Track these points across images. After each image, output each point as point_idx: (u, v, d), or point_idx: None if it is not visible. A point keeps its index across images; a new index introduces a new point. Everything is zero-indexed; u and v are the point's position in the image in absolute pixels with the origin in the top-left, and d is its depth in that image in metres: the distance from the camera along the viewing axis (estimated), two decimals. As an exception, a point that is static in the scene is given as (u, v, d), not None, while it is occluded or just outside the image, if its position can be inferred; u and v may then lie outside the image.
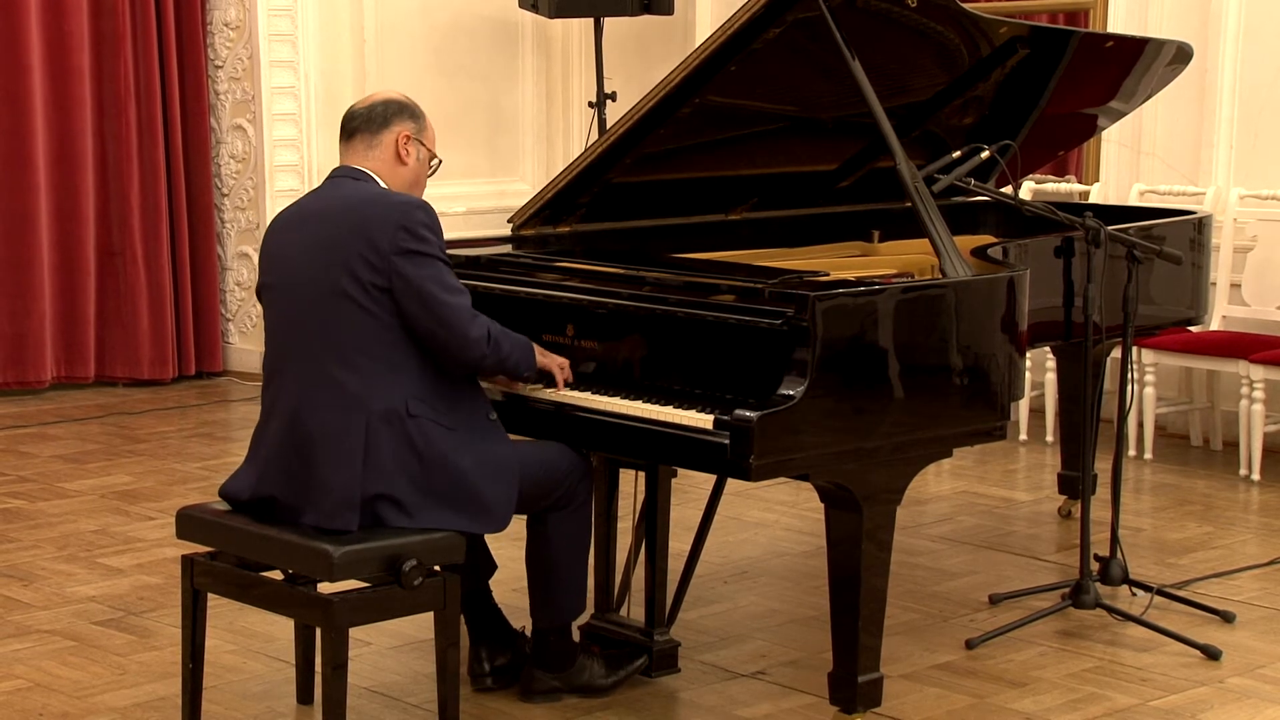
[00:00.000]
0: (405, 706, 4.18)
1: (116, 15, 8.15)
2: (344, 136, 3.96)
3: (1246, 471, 6.51)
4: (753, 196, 5.16)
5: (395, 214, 3.73)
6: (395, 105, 3.95)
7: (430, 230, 3.75)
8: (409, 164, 3.93)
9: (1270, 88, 6.92)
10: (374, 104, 3.95)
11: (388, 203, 3.78)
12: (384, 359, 3.73)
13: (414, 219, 3.74)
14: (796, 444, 3.65)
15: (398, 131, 3.91)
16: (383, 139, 3.91)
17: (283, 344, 3.84)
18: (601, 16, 8.41)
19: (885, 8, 4.42)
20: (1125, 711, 4.17)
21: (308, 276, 3.78)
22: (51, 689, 4.30)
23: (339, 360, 3.72)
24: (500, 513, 3.79)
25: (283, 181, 8.46)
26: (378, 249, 3.71)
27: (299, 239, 3.84)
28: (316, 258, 3.77)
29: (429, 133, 3.99)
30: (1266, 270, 6.86)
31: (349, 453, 3.69)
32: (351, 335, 3.72)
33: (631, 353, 4.02)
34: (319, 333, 3.75)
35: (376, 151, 3.91)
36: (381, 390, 3.71)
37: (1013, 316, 4.06)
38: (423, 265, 3.72)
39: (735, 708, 4.18)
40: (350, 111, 3.98)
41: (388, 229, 3.71)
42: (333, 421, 3.71)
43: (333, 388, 3.72)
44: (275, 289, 3.87)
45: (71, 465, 6.76)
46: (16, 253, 7.99)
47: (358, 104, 3.99)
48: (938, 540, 5.68)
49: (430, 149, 3.99)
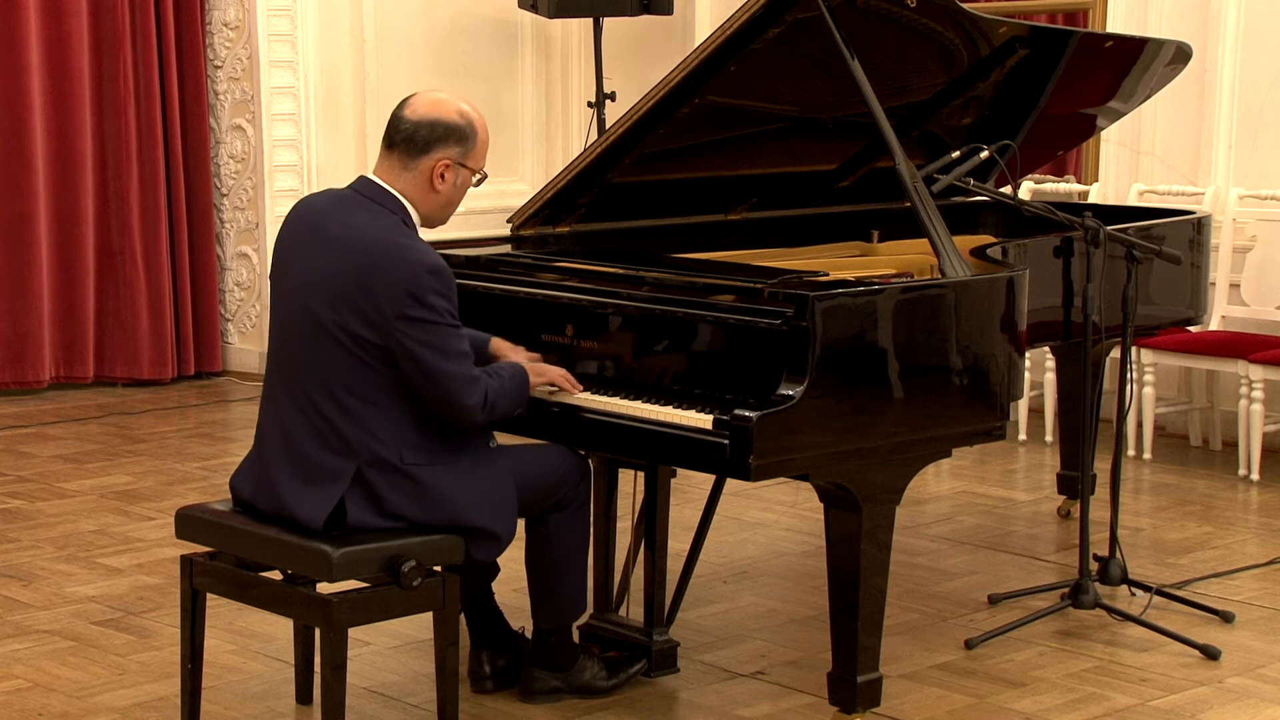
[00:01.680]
0: (405, 706, 4.18)
1: (116, 15, 8.15)
2: (385, 142, 3.78)
3: (1246, 471, 6.51)
4: (752, 196, 5.16)
5: (405, 277, 3.59)
6: (442, 128, 3.74)
7: (440, 296, 3.61)
8: (443, 191, 3.78)
9: (1270, 88, 6.92)
10: (420, 123, 3.74)
11: (401, 260, 3.61)
12: (376, 403, 3.66)
13: (423, 285, 3.59)
14: (796, 444, 3.65)
15: (438, 159, 3.74)
16: (420, 165, 3.74)
17: (281, 350, 3.79)
18: (601, 16, 8.41)
19: (885, 8, 4.42)
20: (1125, 711, 4.18)
21: (306, 304, 3.69)
22: (51, 689, 4.30)
23: (329, 396, 3.67)
24: (496, 542, 3.80)
25: (282, 181, 8.46)
26: (380, 310, 3.59)
27: (308, 257, 3.73)
28: (317, 288, 3.67)
29: (476, 153, 3.80)
30: (1266, 270, 6.86)
31: (329, 492, 3.66)
32: (343, 376, 3.66)
33: (631, 353, 4.02)
34: (310, 363, 3.69)
35: (410, 175, 3.76)
36: (374, 437, 3.66)
37: (1012, 316, 4.06)
38: (424, 332, 3.61)
39: (735, 708, 4.18)
40: (400, 116, 3.77)
41: (394, 292, 3.59)
42: (319, 459, 3.68)
43: (321, 422, 3.68)
44: (278, 293, 3.82)
45: (71, 465, 6.76)
46: (16, 253, 7.98)
47: (408, 110, 3.77)
48: (937, 540, 5.68)
49: (474, 169, 3.81)
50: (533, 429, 4.03)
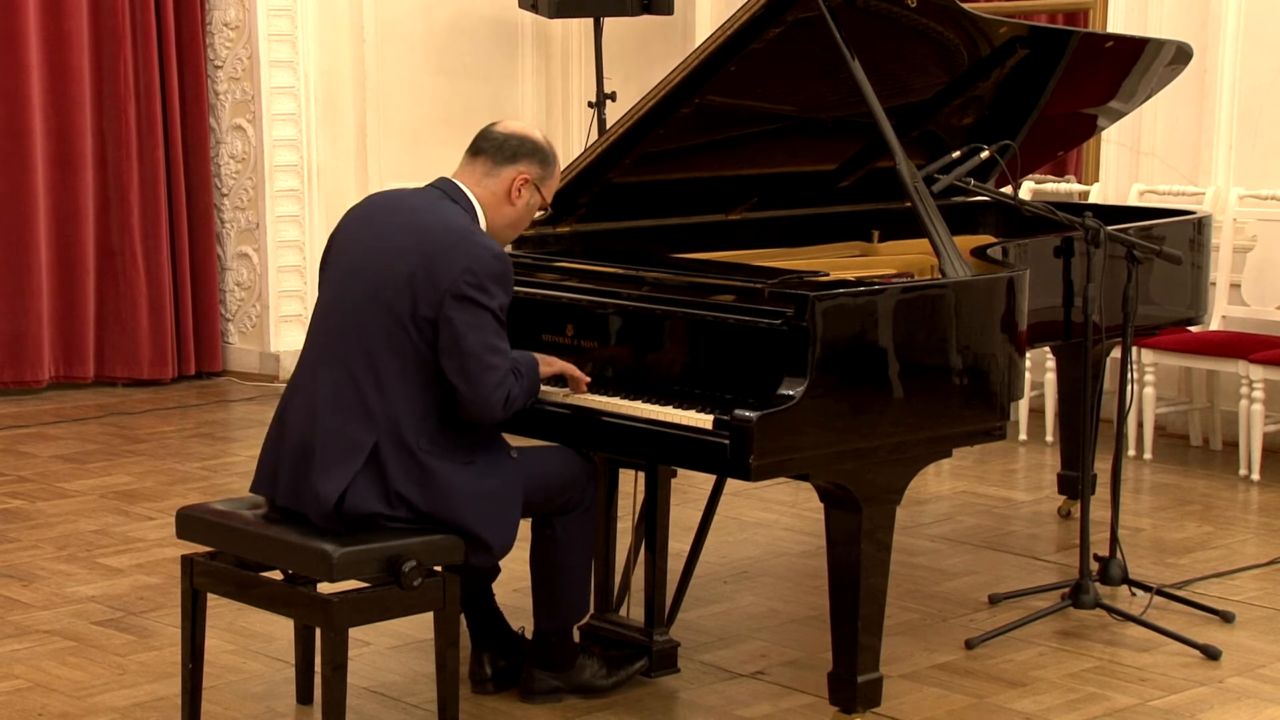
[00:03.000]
0: (405, 706, 4.18)
1: (116, 15, 8.15)
2: (471, 150, 3.89)
3: (1246, 471, 6.51)
4: (753, 196, 5.16)
5: (470, 255, 3.66)
6: (530, 145, 3.88)
7: (497, 284, 3.68)
8: (517, 206, 3.88)
9: (1270, 88, 6.92)
10: (511, 135, 3.88)
11: (469, 241, 3.71)
12: (413, 387, 3.69)
13: (486, 267, 3.66)
14: (796, 444, 3.65)
15: (519, 171, 3.86)
16: (503, 173, 3.85)
17: (325, 320, 3.81)
18: (601, 16, 8.41)
19: (885, 8, 4.42)
20: (1125, 711, 4.18)
21: (365, 280, 3.74)
22: (51, 689, 4.30)
23: (368, 365, 3.70)
24: (494, 551, 3.80)
25: (282, 181, 8.47)
26: (437, 284, 3.65)
27: (373, 236, 3.79)
28: (379, 265, 3.73)
29: (552, 183, 3.94)
30: (1266, 270, 6.86)
31: (347, 466, 3.68)
32: (387, 354, 3.69)
33: (631, 353, 4.02)
34: (358, 338, 3.72)
35: (491, 182, 3.86)
36: (401, 418, 3.68)
37: (1012, 316, 4.06)
38: (473, 314, 3.66)
39: (735, 708, 4.18)
40: (488, 130, 3.91)
41: (455, 268, 3.65)
42: (345, 431, 3.69)
43: (352, 391, 3.70)
44: (332, 278, 3.85)
45: (71, 465, 6.76)
46: (16, 253, 7.99)
47: (500, 125, 3.92)
48: (938, 540, 5.68)
49: (546, 199, 3.93)
50: (534, 429, 4.03)
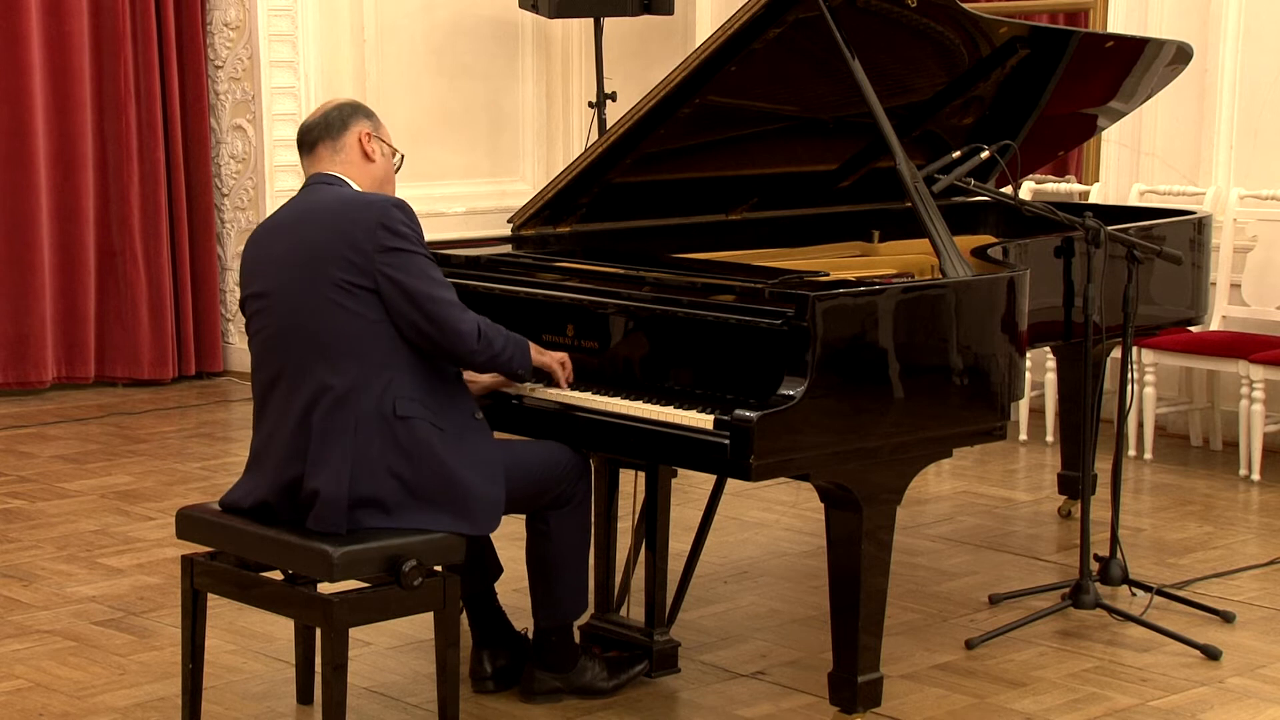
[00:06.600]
0: (405, 706, 4.18)
1: (116, 15, 8.15)
2: (305, 150, 3.94)
3: (1246, 471, 6.51)
4: (753, 196, 5.16)
5: (373, 213, 3.72)
6: (349, 107, 3.95)
7: (409, 227, 3.74)
8: (376, 160, 3.93)
9: (1270, 88, 6.92)
10: (327, 110, 3.94)
11: (365, 203, 3.78)
12: (371, 359, 3.71)
13: (392, 217, 3.73)
14: (796, 444, 3.65)
15: (358, 131, 3.91)
16: (345, 141, 3.90)
17: (271, 355, 3.81)
18: (601, 16, 8.41)
19: (885, 8, 4.42)
20: (1125, 711, 4.18)
21: (291, 283, 3.76)
22: (51, 689, 4.30)
23: (328, 364, 3.70)
24: (489, 514, 3.78)
25: (283, 181, 8.46)
26: (359, 249, 3.69)
27: (279, 248, 3.82)
28: (299, 263, 3.75)
29: (385, 129, 3.99)
30: (1266, 270, 6.86)
31: (338, 456, 3.68)
32: (338, 338, 3.70)
33: (631, 353, 4.02)
34: (306, 338, 3.73)
35: (342, 155, 3.90)
36: (369, 390, 3.70)
37: (1013, 316, 4.06)
38: (406, 261, 3.71)
39: (735, 708, 4.18)
40: (305, 125, 3.96)
41: (368, 228, 3.70)
42: (322, 425, 3.69)
43: (322, 392, 3.70)
44: (259, 299, 3.85)
45: (71, 465, 6.77)
46: (17, 253, 7.99)
47: (309, 117, 3.98)
48: (938, 540, 5.68)
49: (390, 145, 3.99)
50: (533, 429, 4.03)
